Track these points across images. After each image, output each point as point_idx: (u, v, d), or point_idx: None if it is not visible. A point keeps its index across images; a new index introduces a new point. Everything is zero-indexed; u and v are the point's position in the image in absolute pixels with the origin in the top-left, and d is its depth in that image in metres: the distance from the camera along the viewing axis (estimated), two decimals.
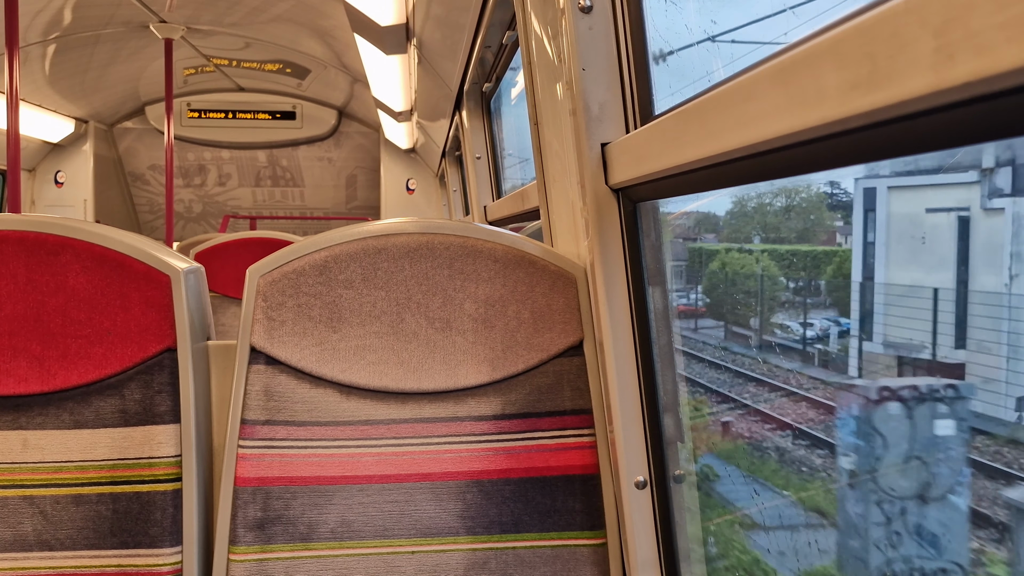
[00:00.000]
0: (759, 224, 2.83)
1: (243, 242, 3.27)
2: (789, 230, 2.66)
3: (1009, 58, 0.42)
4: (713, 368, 3.20)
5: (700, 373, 3.21)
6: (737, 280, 2.99)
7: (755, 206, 2.81)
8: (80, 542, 1.19)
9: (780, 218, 2.68)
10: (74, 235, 1.22)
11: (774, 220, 2.72)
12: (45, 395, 1.21)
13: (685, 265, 3.21)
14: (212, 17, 5.14)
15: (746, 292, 2.98)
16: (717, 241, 3.12)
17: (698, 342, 3.24)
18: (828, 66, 0.57)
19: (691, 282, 3.21)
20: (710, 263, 3.10)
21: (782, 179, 0.81)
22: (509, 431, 1.24)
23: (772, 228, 2.77)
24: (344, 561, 1.20)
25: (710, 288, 3.21)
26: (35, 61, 5.29)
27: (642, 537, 1.23)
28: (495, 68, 3.07)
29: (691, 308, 3.21)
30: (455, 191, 5.61)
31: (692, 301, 3.22)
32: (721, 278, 3.08)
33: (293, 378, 1.22)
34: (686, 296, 3.21)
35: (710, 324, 3.25)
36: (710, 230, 3.18)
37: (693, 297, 3.23)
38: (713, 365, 3.20)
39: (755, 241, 2.90)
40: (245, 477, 1.19)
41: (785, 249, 2.67)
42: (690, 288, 3.22)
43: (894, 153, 0.57)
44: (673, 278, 1.30)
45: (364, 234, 1.25)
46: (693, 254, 3.20)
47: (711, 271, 3.11)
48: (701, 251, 3.15)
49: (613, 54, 1.24)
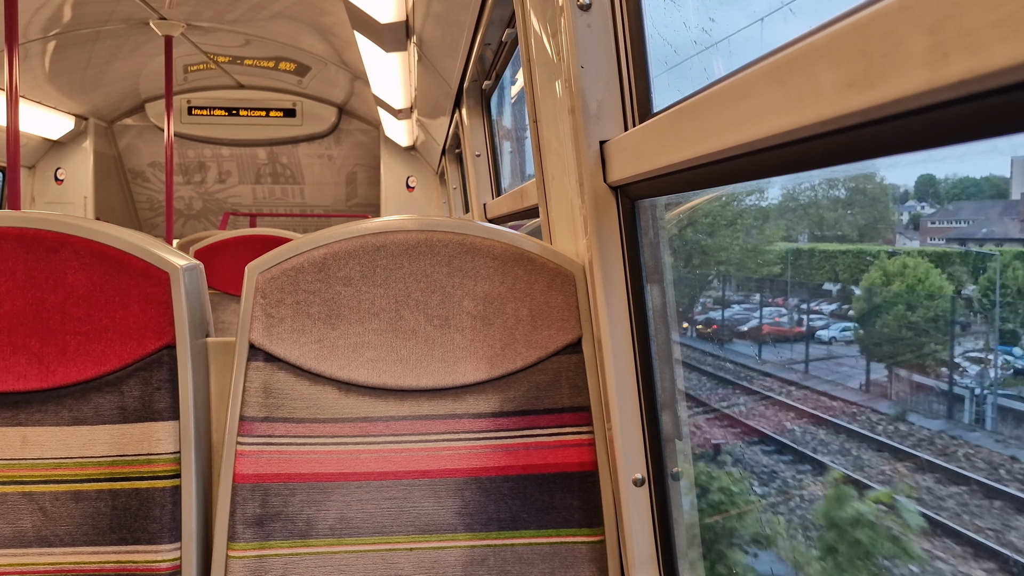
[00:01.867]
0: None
1: (243, 239, 3.27)
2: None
3: (1003, 56, 0.42)
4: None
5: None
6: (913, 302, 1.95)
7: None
8: (79, 538, 1.19)
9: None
10: (73, 232, 1.22)
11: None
12: (44, 392, 1.21)
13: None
14: (212, 14, 5.13)
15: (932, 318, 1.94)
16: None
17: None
18: (824, 64, 0.57)
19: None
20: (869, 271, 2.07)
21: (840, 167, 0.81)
22: (507, 428, 1.25)
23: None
24: (342, 558, 1.20)
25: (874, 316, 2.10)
26: (35, 58, 5.28)
27: (640, 534, 1.23)
28: (495, 66, 3.07)
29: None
30: (455, 189, 5.61)
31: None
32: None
33: (292, 375, 1.23)
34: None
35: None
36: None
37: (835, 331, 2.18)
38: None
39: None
40: (244, 474, 1.20)
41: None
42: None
43: (890, 151, 0.57)
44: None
45: (363, 231, 1.25)
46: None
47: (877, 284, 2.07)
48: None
49: (612, 52, 1.24)
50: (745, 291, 2.70)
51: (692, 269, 2.53)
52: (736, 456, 2.69)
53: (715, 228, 2.54)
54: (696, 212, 2.35)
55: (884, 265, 2.04)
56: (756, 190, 2.52)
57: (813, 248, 2.28)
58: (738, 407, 2.77)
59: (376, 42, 3.63)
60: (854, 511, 1.94)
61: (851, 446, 2.18)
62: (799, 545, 2.28)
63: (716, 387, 2.89)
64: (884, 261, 2.04)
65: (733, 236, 2.55)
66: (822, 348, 2.35)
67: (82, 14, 4.85)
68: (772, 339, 2.58)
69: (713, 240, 2.55)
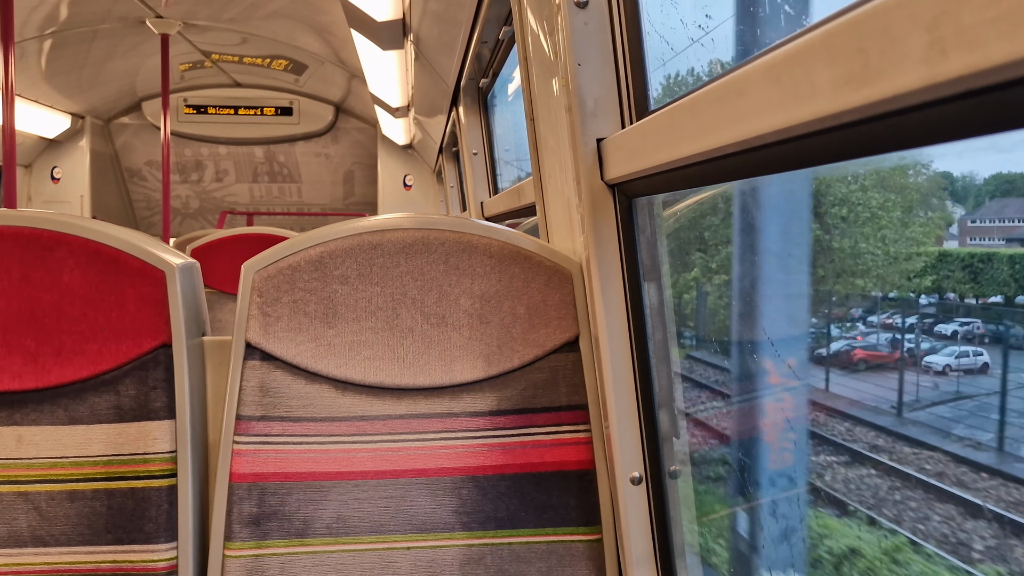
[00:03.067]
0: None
1: (240, 238, 3.26)
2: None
3: (1001, 52, 0.42)
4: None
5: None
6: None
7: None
8: (75, 538, 1.19)
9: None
10: (68, 231, 1.21)
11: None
12: (40, 391, 1.21)
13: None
14: (209, 13, 5.13)
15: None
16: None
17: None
18: (821, 61, 0.57)
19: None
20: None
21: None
22: (505, 427, 1.24)
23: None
24: (339, 557, 1.20)
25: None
26: (31, 56, 5.27)
27: (637, 533, 1.23)
28: (492, 64, 3.07)
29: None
30: (452, 187, 5.60)
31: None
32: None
33: (288, 374, 1.22)
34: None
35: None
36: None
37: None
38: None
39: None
40: (240, 473, 1.19)
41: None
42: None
43: (887, 148, 0.57)
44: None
45: (359, 230, 1.25)
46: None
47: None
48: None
49: (609, 49, 1.24)
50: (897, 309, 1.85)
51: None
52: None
53: (854, 221, 1.83)
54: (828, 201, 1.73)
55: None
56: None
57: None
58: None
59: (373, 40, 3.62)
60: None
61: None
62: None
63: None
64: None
65: (876, 234, 1.76)
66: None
67: (78, 13, 4.84)
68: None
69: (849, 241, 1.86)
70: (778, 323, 1.53)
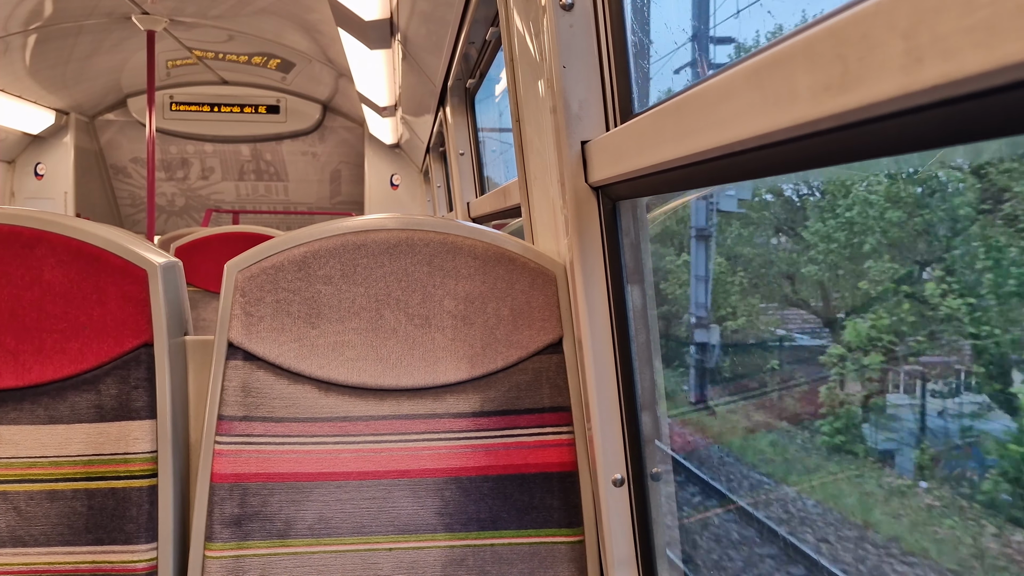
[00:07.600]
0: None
1: (225, 236, 3.25)
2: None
3: (975, 62, 0.42)
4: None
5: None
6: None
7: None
8: (54, 538, 1.18)
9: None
10: (49, 228, 1.20)
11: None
12: (19, 390, 1.20)
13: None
14: (196, 9, 5.10)
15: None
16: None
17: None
18: (800, 67, 0.58)
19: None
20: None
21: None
22: (488, 428, 1.24)
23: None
24: (321, 558, 1.19)
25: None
26: (15, 51, 5.22)
27: (619, 534, 1.23)
28: (479, 64, 3.07)
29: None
30: (439, 187, 5.60)
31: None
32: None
33: (271, 374, 1.22)
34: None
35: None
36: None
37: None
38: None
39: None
40: (222, 473, 1.19)
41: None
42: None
43: (865, 155, 0.57)
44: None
45: (343, 230, 1.24)
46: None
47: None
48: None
49: (594, 52, 1.24)
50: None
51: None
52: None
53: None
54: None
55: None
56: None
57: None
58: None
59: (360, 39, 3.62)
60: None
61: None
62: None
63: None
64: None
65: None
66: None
67: (64, 8, 4.80)
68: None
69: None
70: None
